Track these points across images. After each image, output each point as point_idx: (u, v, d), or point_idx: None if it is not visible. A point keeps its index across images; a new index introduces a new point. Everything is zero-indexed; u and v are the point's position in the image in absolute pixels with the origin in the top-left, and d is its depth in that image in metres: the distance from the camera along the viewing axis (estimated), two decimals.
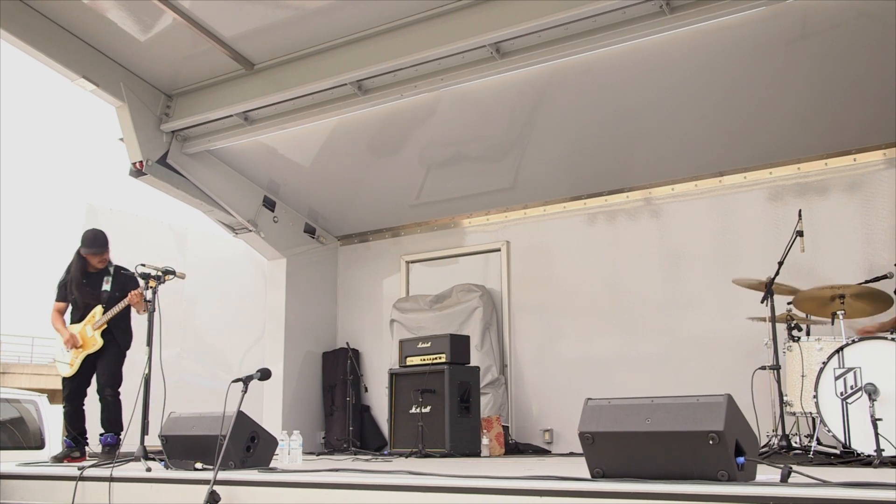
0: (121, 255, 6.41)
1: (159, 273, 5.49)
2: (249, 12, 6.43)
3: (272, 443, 4.79)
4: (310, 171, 8.51)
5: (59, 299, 6.37)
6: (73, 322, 6.26)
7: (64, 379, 6.21)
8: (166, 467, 4.56)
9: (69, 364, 6.16)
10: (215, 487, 3.78)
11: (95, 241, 6.26)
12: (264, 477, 4.00)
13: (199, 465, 4.37)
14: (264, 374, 4.67)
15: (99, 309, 6.19)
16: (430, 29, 6.27)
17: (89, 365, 6.16)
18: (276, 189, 8.85)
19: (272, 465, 4.67)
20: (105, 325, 6.13)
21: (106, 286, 6.30)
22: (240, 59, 7.02)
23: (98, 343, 6.14)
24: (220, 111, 7.42)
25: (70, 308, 6.32)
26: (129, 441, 5.10)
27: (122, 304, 6.08)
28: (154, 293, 5.41)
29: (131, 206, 9.15)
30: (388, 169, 8.35)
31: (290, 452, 5.79)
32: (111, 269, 6.37)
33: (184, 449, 4.68)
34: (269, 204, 8.83)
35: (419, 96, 6.73)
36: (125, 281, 6.27)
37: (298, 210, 9.22)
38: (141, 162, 7.46)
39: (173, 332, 7.78)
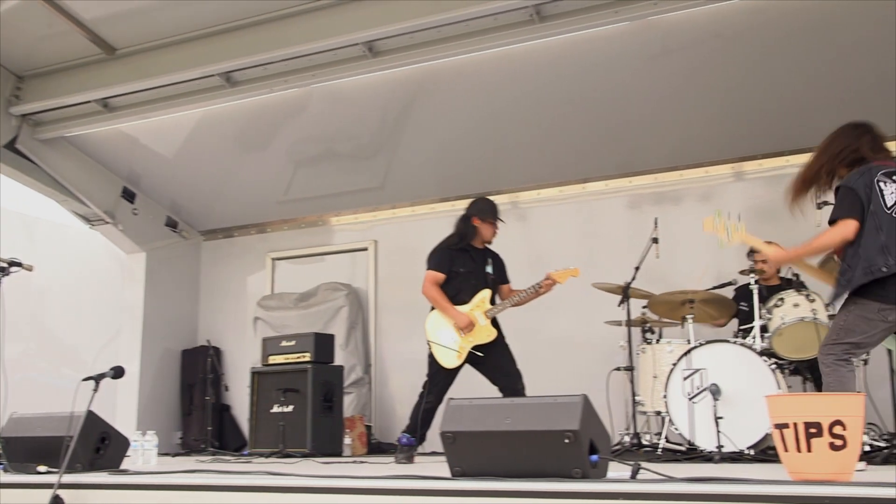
0: None
1: (4, 264, 5.19)
2: None
3: (124, 443, 4.60)
4: (173, 162, 8.22)
5: (437, 269, 5.68)
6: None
7: (441, 369, 5.52)
8: (5, 471, 4.30)
9: (457, 352, 5.52)
10: (60, 491, 3.60)
11: (497, 209, 5.74)
12: (114, 479, 3.85)
13: (42, 468, 4.15)
14: (118, 373, 4.47)
15: (486, 294, 5.61)
16: (302, 24, 6.19)
17: (468, 357, 5.53)
18: (137, 180, 8.50)
19: (124, 466, 4.50)
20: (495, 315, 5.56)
21: (489, 268, 5.72)
22: (100, 42, 6.71)
23: (492, 334, 5.56)
24: (76, 96, 7.08)
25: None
26: None
27: (526, 294, 5.57)
28: None
29: None
30: (256, 164, 8.17)
31: (143, 453, 5.58)
32: (491, 251, 5.82)
33: (26, 451, 4.43)
34: (129, 195, 8.47)
35: (290, 91, 6.66)
36: (501, 266, 5.78)
37: (160, 202, 8.88)
38: None
39: (19, 327, 7.38)
